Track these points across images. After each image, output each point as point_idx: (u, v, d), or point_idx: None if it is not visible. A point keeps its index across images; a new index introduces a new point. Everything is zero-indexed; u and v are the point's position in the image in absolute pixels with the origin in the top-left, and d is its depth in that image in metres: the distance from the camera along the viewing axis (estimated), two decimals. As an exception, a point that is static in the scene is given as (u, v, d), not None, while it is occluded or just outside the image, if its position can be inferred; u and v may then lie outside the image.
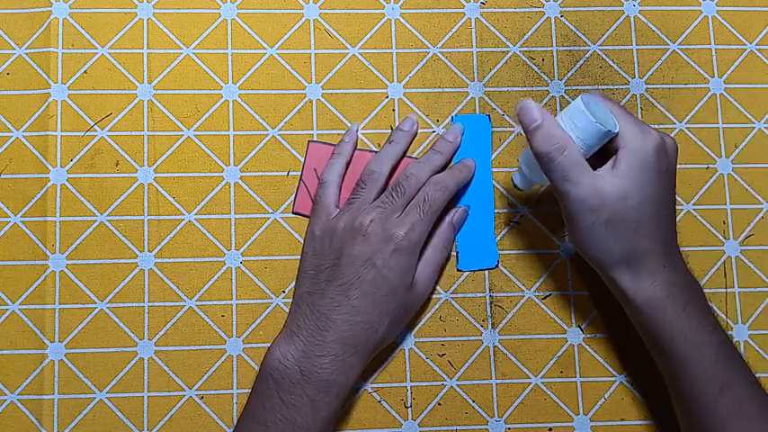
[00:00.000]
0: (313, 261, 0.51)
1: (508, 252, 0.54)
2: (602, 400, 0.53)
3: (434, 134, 0.55)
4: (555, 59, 0.57)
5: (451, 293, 0.54)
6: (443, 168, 0.54)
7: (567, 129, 0.46)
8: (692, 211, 0.55)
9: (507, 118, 0.56)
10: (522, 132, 0.50)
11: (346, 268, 0.48)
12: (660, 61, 0.57)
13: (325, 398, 0.46)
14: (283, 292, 0.53)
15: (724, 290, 0.54)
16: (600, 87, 0.56)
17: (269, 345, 0.49)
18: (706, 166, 0.56)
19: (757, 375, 0.53)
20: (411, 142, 0.55)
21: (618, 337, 0.53)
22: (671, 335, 0.46)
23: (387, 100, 0.56)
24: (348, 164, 0.54)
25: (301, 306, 0.49)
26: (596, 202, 0.45)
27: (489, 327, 0.53)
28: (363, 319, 0.48)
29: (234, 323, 0.53)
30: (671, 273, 0.46)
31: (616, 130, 0.46)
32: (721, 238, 0.55)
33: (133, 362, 0.52)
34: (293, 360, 0.47)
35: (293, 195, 0.54)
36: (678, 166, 0.55)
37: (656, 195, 0.46)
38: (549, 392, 0.53)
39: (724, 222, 0.55)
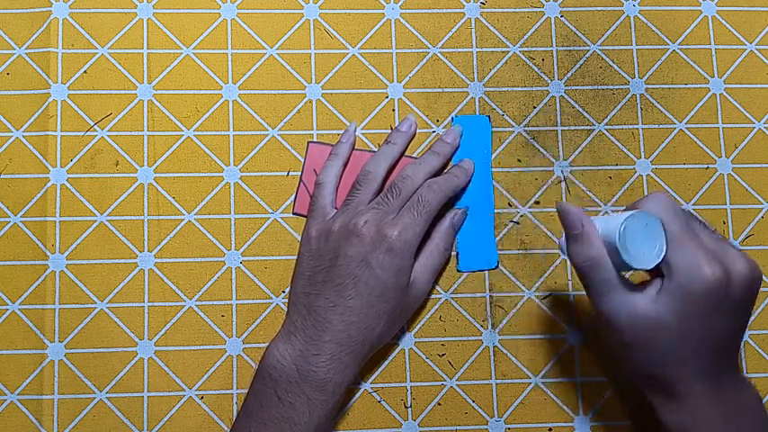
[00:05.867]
0: (309, 262, 0.51)
1: (508, 252, 0.54)
2: (602, 400, 0.52)
3: (434, 134, 0.55)
4: (555, 59, 0.57)
5: (451, 293, 0.54)
6: (442, 169, 0.54)
7: (604, 241, 0.43)
8: (693, 212, 0.55)
9: (507, 118, 0.56)
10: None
11: (342, 269, 0.48)
12: (660, 61, 0.57)
13: (322, 396, 0.46)
14: (283, 292, 0.53)
15: (724, 290, 0.54)
16: (600, 87, 0.56)
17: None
18: (706, 166, 0.56)
19: (757, 375, 0.54)
20: (409, 143, 0.55)
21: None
22: None
23: (387, 100, 0.56)
24: (345, 164, 0.54)
25: (298, 306, 0.49)
26: (626, 324, 0.43)
27: (489, 327, 0.53)
28: (359, 320, 0.48)
29: (234, 323, 0.53)
30: (705, 399, 0.43)
31: (651, 266, 0.42)
32: (721, 238, 0.55)
33: (133, 362, 0.52)
34: (290, 359, 0.47)
35: (293, 196, 0.54)
36: (679, 165, 0.55)
37: (701, 330, 0.42)
38: (549, 392, 0.53)
39: (724, 222, 0.55)
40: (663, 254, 0.42)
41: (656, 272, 0.43)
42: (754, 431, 0.44)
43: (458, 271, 0.54)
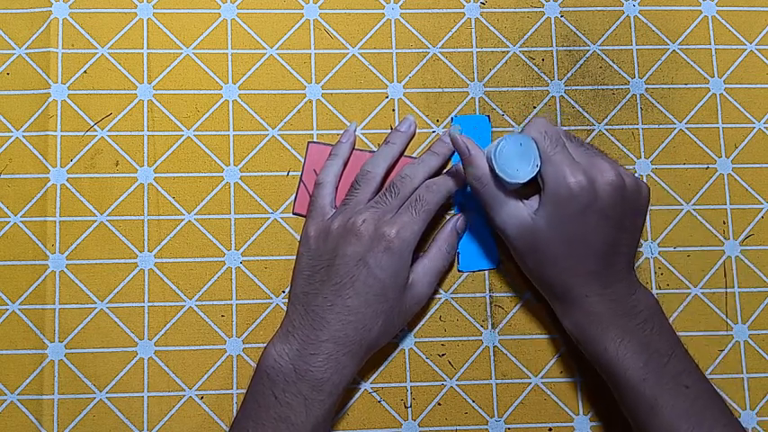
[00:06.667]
0: (308, 262, 0.51)
1: (508, 252, 0.54)
2: (602, 400, 0.52)
3: (434, 134, 0.55)
4: (555, 59, 0.57)
5: (451, 293, 0.54)
6: (441, 169, 0.54)
7: (489, 162, 0.49)
8: (692, 211, 0.55)
9: (507, 118, 0.56)
10: None
11: (340, 268, 0.48)
12: (660, 61, 0.57)
13: (319, 396, 0.46)
14: (283, 292, 0.53)
15: (724, 290, 0.54)
16: (600, 87, 0.56)
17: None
18: (706, 166, 0.56)
19: (757, 375, 0.53)
20: (408, 143, 0.55)
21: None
22: (595, 357, 0.48)
23: (387, 100, 0.56)
24: (345, 164, 0.54)
25: (297, 306, 0.49)
26: (514, 234, 0.49)
27: (489, 327, 0.53)
28: (356, 319, 0.48)
29: (234, 323, 0.53)
30: (595, 299, 0.48)
31: (523, 180, 0.48)
32: (721, 238, 0.55)
33: (133, 362, 0.52)
34: (288, 359, 0.47)
35: (293, 196, 0.54)
36: (679, 165, 0.55)
37: (574, 234, 0.47)
38: (549, 392, 0.53)
39: (724, 222, 0.55)
40: (537, 169, 0.48)
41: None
42: (646, 328, 0.47)
43: (458, 271, 0.54)
